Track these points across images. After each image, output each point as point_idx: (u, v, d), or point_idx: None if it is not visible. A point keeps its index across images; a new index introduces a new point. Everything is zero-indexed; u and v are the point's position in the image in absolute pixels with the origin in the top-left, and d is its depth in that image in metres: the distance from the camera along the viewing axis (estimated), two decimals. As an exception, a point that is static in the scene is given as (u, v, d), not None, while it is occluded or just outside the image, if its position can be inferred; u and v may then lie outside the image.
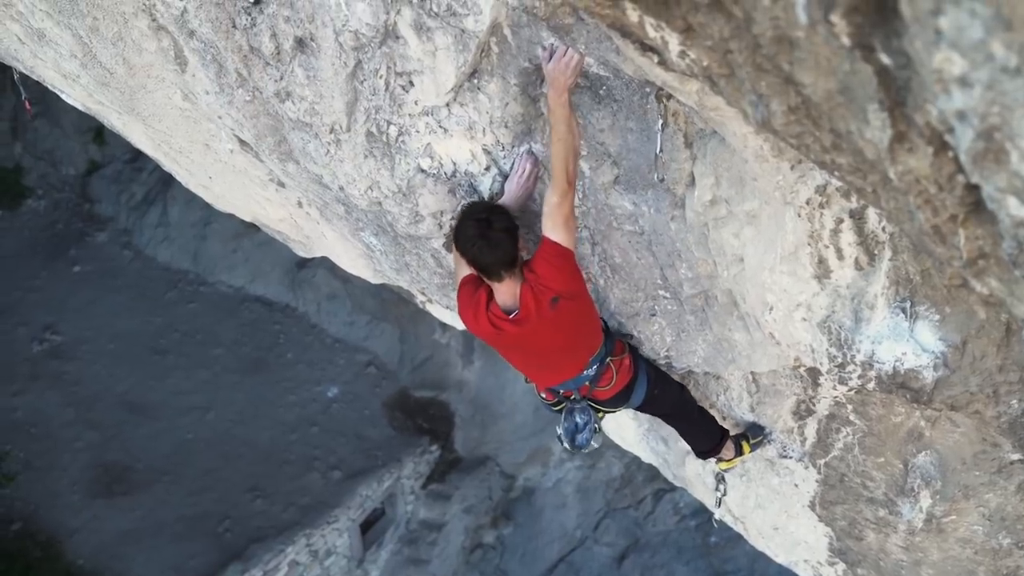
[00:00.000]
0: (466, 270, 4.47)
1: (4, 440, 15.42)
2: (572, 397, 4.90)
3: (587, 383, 4.79)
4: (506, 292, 4.33)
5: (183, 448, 16.41)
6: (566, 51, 3.78)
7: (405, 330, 17.73)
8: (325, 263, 7.71)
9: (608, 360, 4.77)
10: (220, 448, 16.49)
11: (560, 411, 5.01)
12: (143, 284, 19.04)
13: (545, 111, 4.08)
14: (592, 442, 4.97)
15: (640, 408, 5.15)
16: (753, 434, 5.47)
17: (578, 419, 4.92)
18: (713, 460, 5.67)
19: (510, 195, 4.50)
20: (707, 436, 5.43)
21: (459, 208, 4.59)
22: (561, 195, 4.10)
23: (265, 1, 4.32)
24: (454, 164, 4.68)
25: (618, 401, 4.98)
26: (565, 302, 4.29)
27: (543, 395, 5.05)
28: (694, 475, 6.51)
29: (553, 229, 4.18)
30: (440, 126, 4.52)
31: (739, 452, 5.52)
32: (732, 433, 5.52)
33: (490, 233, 4.20)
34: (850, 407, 4.61)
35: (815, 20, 1.79)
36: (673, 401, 5.23)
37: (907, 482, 4.68)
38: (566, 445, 4.99)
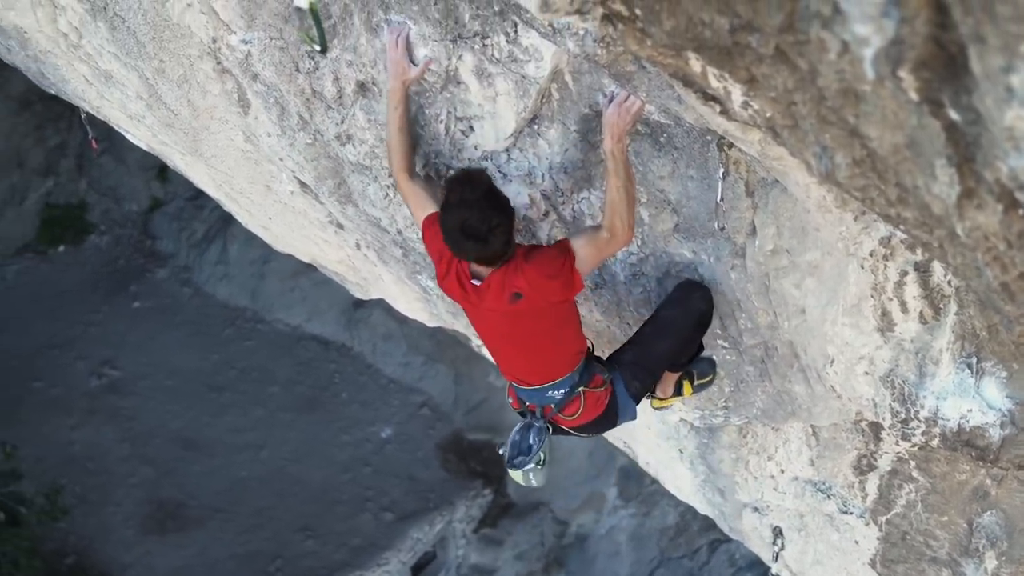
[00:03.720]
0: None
1: (60, 473, 15.59)
2: (535, 414, 4.60)
3: (551, 405, 4.51)
4: (482, 269, 4.12)
5: (237, 486, 16.49)
6: (627, 97, 3.77)
7: (460, 372, 17.71)
8: (381, 303, 7.72)
9: (579, 389, 4.47)
10: (273, 487, 16.54)
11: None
12: (201, 321, 19.24)
13: (604, 158, 4.04)
14: (532, 476, 4.65)
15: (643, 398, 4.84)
16: (701, 372, 5.10)
17: (531, 439, 4.59)
18: (652, 398, 5.22)
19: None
20: (686, 351, 4.89)
21: (450, 181, 4.07)
22: (610, 234, 3.95)
23: (329, 47, 4.37)
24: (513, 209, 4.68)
25: (595, 428, 4.71)
26: (526, 307, 4.07)
27: (510, 399, 4.75)
28: (751, 528, 6.41)
29: (581, 246, 4.00)
30: (499, 171, 4.53)
31: (678, 392, 5.13)
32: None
33: (491, 236, 3.88)
34: (913, 463, 4.51)
35: (883, 74, 1.76)
36: (665, 359, 4.79)
37: (972, 542, 4.56)
38: (504, 457, 4.67)
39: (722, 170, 3.91)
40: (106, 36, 5.12)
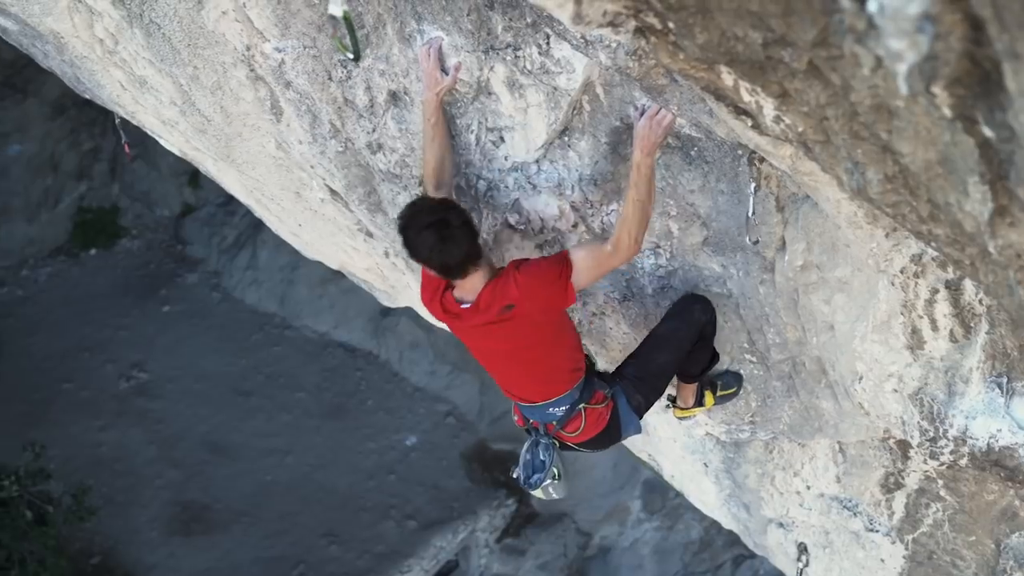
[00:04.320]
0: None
1: (88, 474, 15.66)
2: (539, 430, 4.61)
3: (553, 422, 4.50)
4: (467, 287, 4.11)
5: (262, 490, 16.53)
6: (658, 110, 3.76)
7: (486, 382, 17.69)
8: (409, 312, 7.74)
9: (581, 407, 4.46)
10: (298, 492, 16.57)
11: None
12: (230, 326, 19.32)
13: (631, 172, 4.02)
14: (551, 490, 4.68)
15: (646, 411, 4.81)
16: (725, 384, 5.07)
17: (541, 455, 4.60)
18: (674, 407, 5.29)
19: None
20: (699, 358, 4.85)
21: (400, 217, 4.09)
22: (614, 247, 3.92)
23: (363, 56, 4.39)
24: (542, 220, 4.68)
25: (598, 443, 4.68)
26: (519, 318, 4.05)
27: (515, 417, 4.75)
28: (775, 544, 6.37)
29: (581, 259, 3.98)
30: (529, 182, 4.53)
31: (700, 402, 5.12)
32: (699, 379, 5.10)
33: (448, 232, 3.88)
34: (941, 482, 4.48)
35: (916, 90, 1.75)
36: (668, 372, 4.78)
37: (999, 563, 4.52)
38: (519, 480, 4.69)
39: (753, 185, 3.90)
40: (141, 42, 5.16)
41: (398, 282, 6.53)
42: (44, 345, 18.38)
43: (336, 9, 4.06)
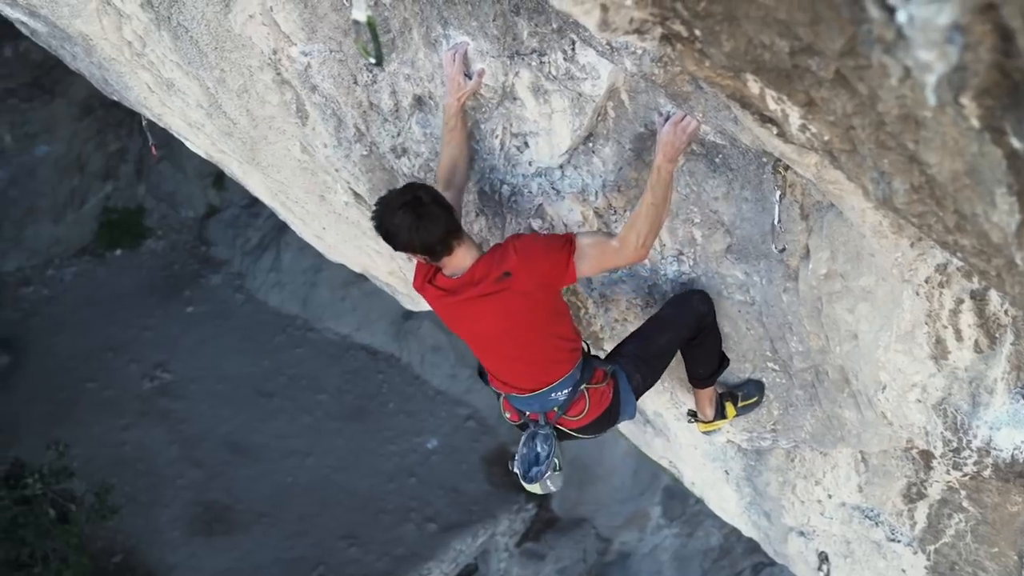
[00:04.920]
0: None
1: (110, 473, 15.73)
2: (538, 421, 4.46)
3: (555, 408, 4.37)
4: (456, 263, 4.07)
5: (283, 491, 16.57)
6: (683, 117, 3.75)
7: (506, 385, 17.69)
8: (431, 315, 7.75)
9: (583, 388, 4.35)
10: (319, 494, 16.60)
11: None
12: (253, 327, 19.38)
13: (650, 175, 4.00)
14: (549, 482, 4.50)
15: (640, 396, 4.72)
16: (746, 394, 4.99)
17: (539, 448, 4.44)
18: (696, 421, 5.21)
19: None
20: (707, 359, 4.81)
21: (373, 211, 4.11)
22: (620, 245, 3.89)
23: (387, 60, 4.40)
24: (565, 226, 4.68)
25: (598, 428, 4.57)
26: (515, 291, 3.98)
27: (508, 414, 4.61)
28: (796, 552, 6.34)
29: (587, 244, 3.94)
30: (553, 187, 4.54)
31: (721, 414, 5.04)
32: (718, 391, 5.04)
33: (423, 209, 3.87)
34: (963, 493, 4.45)
35: (944, 101, 1.74)
36: (667, 354, 4.68)
37: (1022, 575, 4.49)
38: (518, 475, 4.55)
39: (779, 192, 3.89)
40: (169, 45, 5.20)
41: (421, 286, 6.54)
42: (68, 344, 18.49)
43: (360, 14, 4.07)
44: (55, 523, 13.76)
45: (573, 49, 3.92)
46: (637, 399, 4.60)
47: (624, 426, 7.27)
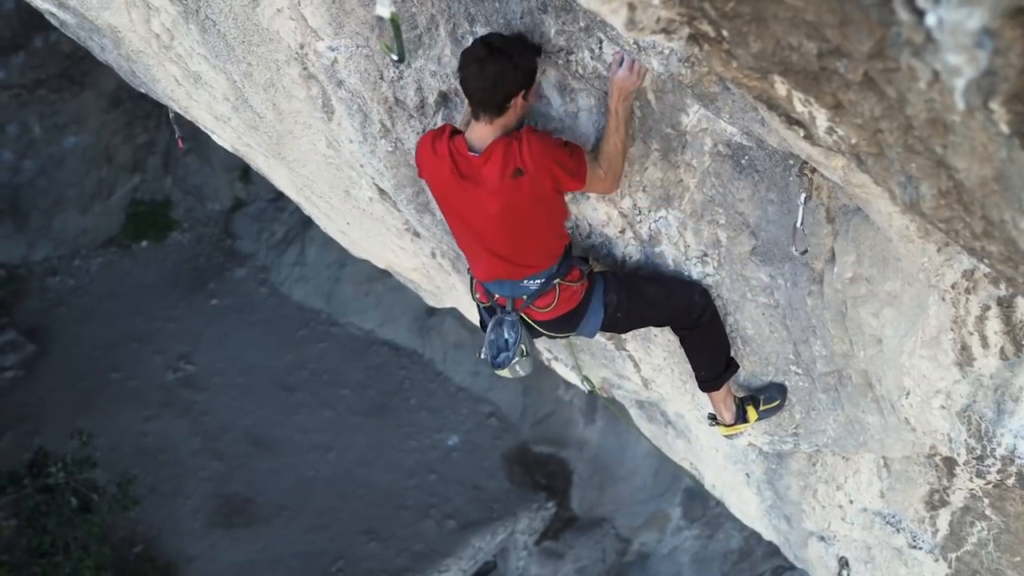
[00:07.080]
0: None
1: (132, 464, 15.83)
2: (505, 307, 4.49)
3: (524, 296, 4.40)
4: (478, 135, 4.06)
5: (303, 485, 16.64)
6: (633, 61, 3.80)
7: (528, 384, 17.67)
8: (454, 312, 7.77)
9: (556, 282, 4.37)
10: (339, 488, 16.66)
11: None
12: (276, 321, 19.45)
13: (608, 122, 4.04)
14: (518, 367, 4.58)
15: (607, 329, 4.73)
16: (768, 398, 4.94)
17: (507, 334, 4.50)
18: (716, 424, 5.12)
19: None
20: (709, 361, 4.79)
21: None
22: (605, 171, 4.09)
23: (412, 57, 4.40)
24: (589, 225, 4.67)
25: (560, 327, 4.60)
26: (527, 186, 3.99)
27: (478, 295, 4.65)
28: (816, 557, 6.31)
29: (590, 160, 4.06)
30: (577, 186, 4.52)
31: (743, 418, 4.96)
32: (739, 395, 5.00)
33: (489, 61, 3.85)
34: (986, 501, 4.41)
35: (973, 106, 1.72)
36: (656, 317, 4.73)
37: (1044, 585, 4.45)
38: (486, 359, 4.60)
39: (804, 195, 3.86)
40: (197, 38, 5.22)
41: (444, 283, 6.55)
42: (93, 335, 18.62)
43: (384, 10, 4.07)
44: (77, 512, 13.87)
45: (600, 48, 3.91)
46: (604, 322, 4.59)
47: (645, 427, 7.27)
